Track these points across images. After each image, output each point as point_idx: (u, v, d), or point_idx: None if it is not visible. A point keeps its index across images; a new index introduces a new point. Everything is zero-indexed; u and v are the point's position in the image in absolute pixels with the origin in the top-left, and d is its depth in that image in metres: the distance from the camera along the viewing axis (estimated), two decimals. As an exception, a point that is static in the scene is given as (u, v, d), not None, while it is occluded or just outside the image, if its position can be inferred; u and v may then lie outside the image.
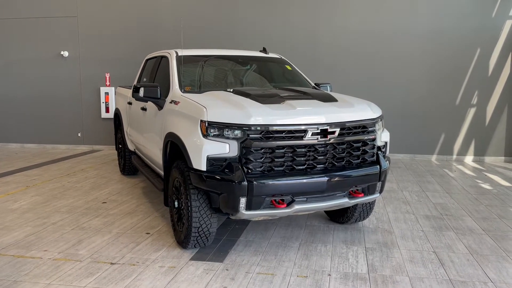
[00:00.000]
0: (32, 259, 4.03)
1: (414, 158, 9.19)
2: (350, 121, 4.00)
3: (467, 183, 7.05)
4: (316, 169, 3.90)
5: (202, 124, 3.80)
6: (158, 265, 3.90)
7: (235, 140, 3.71)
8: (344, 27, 9.17)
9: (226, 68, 5.57)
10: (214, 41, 9.45)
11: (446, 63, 8.92)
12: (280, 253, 4.17)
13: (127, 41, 9.89)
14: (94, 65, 10.11)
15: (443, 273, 3.74)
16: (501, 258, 4.06)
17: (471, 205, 5.79)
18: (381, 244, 4.41)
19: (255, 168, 3.73)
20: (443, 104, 9.01)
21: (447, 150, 9.12)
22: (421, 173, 7.80)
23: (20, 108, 10.54)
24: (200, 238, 4.07)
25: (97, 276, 3.68)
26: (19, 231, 4.79)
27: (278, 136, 3.74)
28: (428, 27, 8.91)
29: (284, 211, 3.84)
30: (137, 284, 3.54)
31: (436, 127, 9.10)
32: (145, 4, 9.80)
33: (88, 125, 10.36)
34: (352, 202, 4.12)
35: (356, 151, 4.08)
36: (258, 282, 3.59)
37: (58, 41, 10.20)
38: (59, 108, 10.39)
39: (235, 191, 3.67)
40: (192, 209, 3.94)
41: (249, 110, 3.77)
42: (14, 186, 6.78)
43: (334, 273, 3.75)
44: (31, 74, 10.40)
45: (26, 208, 5.62)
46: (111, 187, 6.71)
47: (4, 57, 10.45)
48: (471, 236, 4.63)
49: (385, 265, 3.91)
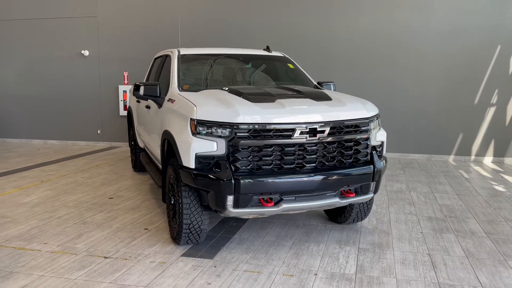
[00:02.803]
0: (32, 251, 4.18)
1: (430, 158, 9.00)
2: (341, 120, 3.96)
3: (480, 184, 6.85)
4: (306, 168, 3.88)
5: (191, 122, 3.85)
6: (149, 260, 3.98)
7: (223, 138, 3.74)
8: (358, 26, 9.06)
9: (227, 67, 5.61)
10: (228, 39, 9.51)
11: (464, 61, 8.69)
12: (271, 252, 4.18)
13: (145, 40, 10.07)
14: (113, 64, 10.35)
15: (432, 276, 3.66)
16: (497, 262, 3.94)
17: (479, 207, 5.63)
18: (375, 245, 4.36)
19: (242, 167, 3.75)
20: (461, 103, 8.78)
21: (465, 151, 8.88)
22: (434, 173, 7.63)
23: (43, 105, 10.90)
24: (191, 235, 4.13)
25: (89, 269, 3.78)
26: (25, 224, 4.97)
27: (265, 135, 3.75)
28: (445, 24, 8.70)
29: (272, 210, 3.85)
30: (125, 278, 3.63)
31: (454, 127, 8.87)
32: (162, 4, 9.95)
33: (107, 122, 10.61)
34: (343, 202, 4.08)
35: (348, 150, 4.04)
36: (242, 279, 3.61)
37: (79, 41, 10.49)
38: (80, 106, 10.69)
39: (222, 189, 3.70)
40: (183, 206, 3.99)
41: (237, 108, 3.79)
42: (30, 181, 7.03)
43: (321, 273, 3.73)
44: (53, 72, 10.74)
45: (36, 202, 5.82)
46: (121, 183, 6.86)
47: (28, 56, 10.83)
48: (471, 239, 4.51)
49: (375, 267, 3.86)
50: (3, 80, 11.09)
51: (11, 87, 11.06)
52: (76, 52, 10.54)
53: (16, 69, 10.97)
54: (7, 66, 11.03)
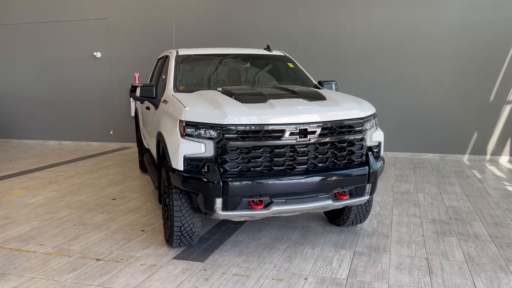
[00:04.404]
0: (27, 253, 4.22)
1: (444, 158, 8.75)
2: (333, 120, 3.85)
3: (493, 185, 6.62)
4: (297, 170, 3.79)
5: (180, 123, 3.81)
6: (140, 263, 3.96)
7: (211, 140, 3.69)
8: (369, 22, 8.88)
9: (225, 67, 5.55)
10: (238, 38, 9.47)
11: (479, 57, 8.41)
12: (264, 255, 4.11)
13: (156, 40, 10.10)
14: (124, 65, 10.43)
15: (427, 282, 3.53)
16: (498, 268, 3.77)
17: (487, 209, 5.43)
18: (372, 248, 4.23)
19: (231, 169, 3.70)
20: (475, 101, 8.51)
21: (480, 150, 8.60)
22: (445, 174, 7.41)
23: (58, 107, 11.08)
24: (183, 237, 4.09)
25: (79, 272, 3.79)
26: (26, 225, 5.03)
27: (254, 136, 3.68)
28: (459, 19, 8.44)
29: (262, 213, 3.77)
30: (113, 281, 3.61)
31: (468, 126, 8.61)
32: (172, 5, 9.96)
33: (120, 123, 10.71)
34: (337, 205, 3.97)
35: (341, 151, 3.93)
36: (230, 283, 3.55)
37: (91, 43, 10.62)
38: (93, 107, 10.82)
39: (210, 191, 3.65)
40: (174, 208, 3.96)
41: (225, 109, 3.73)
42: (38, 182, 7.13)
43: (311, 277, 3.64)
44: (67, 75, 10.89)
45: (40, 203, 5.89)
46: (126, 184, 6.89)
47: (43, 59, 11.02)
48: (474, 243, 4.34)
49: (368, 271, 3.74)
50: (20, 83, 11.32)
51: (28, 89, 11.27)
52: (89, 54, 10.67)
53: (32, 72, 11.18)
54: (24, 70, 11.25)
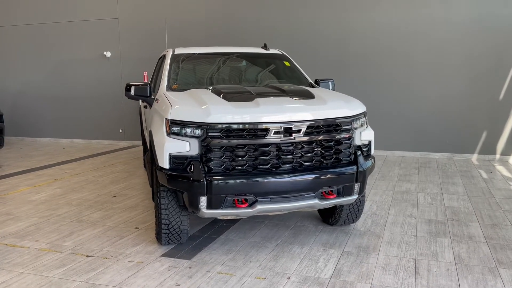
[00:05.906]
0: (21, 249, 4.31)
1: (451, 157, 8.59)
2: (319, 119, 3.83)
3: (497, 185, 6.47)
4: (282, 169, 3.78)
5: (166, 122, 3.84)
6: (128, 260, 4.00)
7: (196, 138, 3.71)
8: (375, 19, 8.77)
9: (221, 66, 5.56)
10: (242, 37, 9.47)
11: (488, 55, 8.22)
12: (252, 253, 4.11)
13: (164, 40, 10.17)
14: (133, 64, 10.54)
15: (411, 283, 3.48)
16: (486, 270, 3.69)
17: (487, 209, 5.31)
18: (361, 248, 4.19)
19: (216, 167, 3.71)
20: (484, 99, 8.32)
21: (490, 149, 8.41)
22: (450, 173, 7.28)
23: (70, 105, 11.28)
24: (171, 235, 4.12)
25: (67, 268, 3.85)
26: (25, 221, 5.14)
27: (238, 135, 3.68)
28: (467, 14, 8.26)
29: (246, 211, 3.78)
30: (98, 278, 3.66)
31: (477, 124, 8.43)
32: (179, 4, 10.03)
33: (129, 122, 10.83)
34: (323, 204, 3.95)
35: (328, 150, 3.90)
36: (212, 282, 3.56)
37: (101, 42, 10.77)
38: (104, 105, 10.98)
39: (194, 189, 3.68)
40: (161, 206, 4.00)
41: (209, 108, 3.75)
42: (44, 179, 7.28)
43: (294, 277, 3.62)
44: (78, 74, 11.07)
45: (43, 200, 6.01)
46: (128, 182, 6.98)
47: (55, 59, 11.22)
48: (467, 244, 4.26)
49: (353, 271, 3.71)
50: (33, 82, 11.55)
51: (41, 88, 11.50)
52: (99, 54, 10.82)
53: (45, 72, 11.40)
54: (37, 69, 11.48)
